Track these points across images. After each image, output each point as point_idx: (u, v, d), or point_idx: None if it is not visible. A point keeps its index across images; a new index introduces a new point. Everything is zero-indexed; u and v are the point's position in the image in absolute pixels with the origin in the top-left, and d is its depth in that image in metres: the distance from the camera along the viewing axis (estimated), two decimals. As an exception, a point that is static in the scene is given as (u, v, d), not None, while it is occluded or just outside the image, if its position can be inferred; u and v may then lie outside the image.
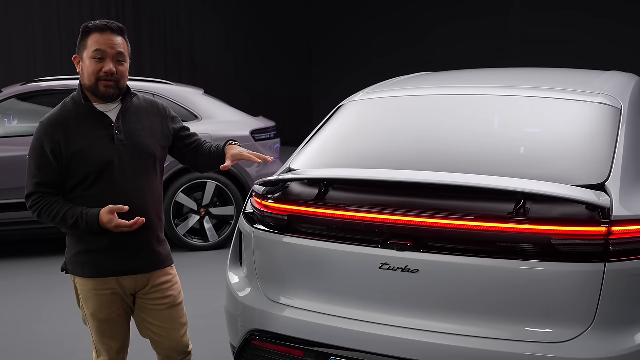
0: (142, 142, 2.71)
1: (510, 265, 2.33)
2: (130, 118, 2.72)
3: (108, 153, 2.63)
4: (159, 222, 2.80)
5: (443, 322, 2.42)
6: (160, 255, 2.79)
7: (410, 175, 2.58)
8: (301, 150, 3.15)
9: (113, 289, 2.70)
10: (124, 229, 2.56)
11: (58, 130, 2.61)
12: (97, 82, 2.62)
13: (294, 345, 2.66)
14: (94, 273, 2.68)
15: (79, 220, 2.58)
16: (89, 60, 2.62)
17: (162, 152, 2.82)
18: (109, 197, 2.61)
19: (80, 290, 2.75)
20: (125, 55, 2.67)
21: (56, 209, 2.61)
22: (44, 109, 6.60)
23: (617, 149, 2.58)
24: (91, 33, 2.63)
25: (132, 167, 2.67)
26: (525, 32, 12.48)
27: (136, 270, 2.72)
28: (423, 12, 13.91)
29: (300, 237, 2.69)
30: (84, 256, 2.68)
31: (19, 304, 5.11)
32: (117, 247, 2.65)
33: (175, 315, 2.83)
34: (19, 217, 6.14)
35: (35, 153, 2.64)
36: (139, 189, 2.69)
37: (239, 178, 6.56)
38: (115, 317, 2.75)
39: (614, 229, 2.26)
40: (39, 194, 2.64)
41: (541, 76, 3.68)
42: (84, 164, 2.60)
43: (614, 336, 2.28)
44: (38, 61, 12.65)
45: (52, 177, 2.62)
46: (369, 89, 3.57)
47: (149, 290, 2.77)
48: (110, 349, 2.78)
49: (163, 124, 2.82)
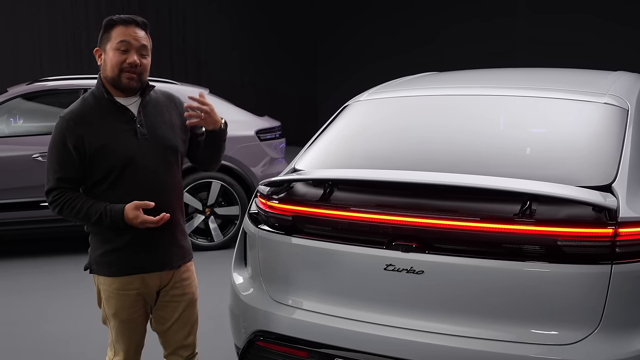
0: (164, 136, 2.71)
1: (516, 267, 2.31)
2: (150, 111, 2.71)
3: (131, 147, 2.61)
4: (182, 216, 2.80)
5: (448, 324, 2.41)
6: (184, 248, 2.80)
7: (415, 176, 2.57)
8: (306, 151, 3.14)
9: (137, 289, 2.70)
10: (150, 224, 2.56)
11: (80, 124, 2.59)
12: (120, 73, 2.60)
13: (298, 346, 2.65)
14: (120, 272, 2.67)
15: (103, 216, 2.56)
16: (113, 51, 2.60)
17: (183, 146, 2.81)
18: (133, 192, 2.60)
19: (104, 290, 2.74)
20: (148, 49, 2.67)
21: (79, 204, 2.59)
22: (50, 109, 6.63)
23: (623, 149, 2.56)
24: (115, 26, 2.62)
25: (155, 161, 2.66)
26: (531, 33, 12.46)
27: (162, 266, 2.72)
28: (428, 13, 13.90)
29: (304, 238, 2.68)
30: (110, 256, 2.66)
31: (25, 304, 5.12)
32: (142, 243, 2.65)
33: (190, 312, 2.85)
34: (23, 216, 6.15)
35: (56, 148, 2.62)
36: (162, 182, 2.68)
37: (244, 178, 6.56)
38: (136, 317, 2.75)
39: (620, 231, 2.24)
40: (60, 190, 2.62)
41: (547, 76, 3.66)
42: (107, 159, 2.59)
43: (620, 339, 2.26)
44: (44, 60, 12.67)
45: (73, 172, 2.60)
46: (374, 88, 3.56)
47: (172, 286, 2.78)
48: (128, 348, 2.79)
49: (180, 119, 2.81)
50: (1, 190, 6.10)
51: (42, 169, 6.64)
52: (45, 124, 6.60)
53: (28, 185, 6.15)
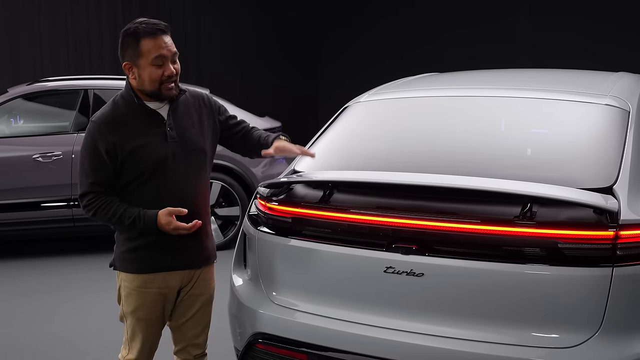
0: (193, 139, 2.74)
1: (516, 270, 2.30)
2: (180, 115, 2.75)
3: (161, 150, 2.65)
4: (208, 218, 2.84)
5: (447, 326, 2.40)
6: (208, 250, 2.84)
7: (415, 178, 2.56)
8: (306, 152, 3.12)
9: (158, 288, 2.72)
10: (182, 231, 2.61)
11: (112, 129, 2.62)
12: (159, 86, 2.64)
13: (298, 349, 2.64)
14: (142, 269, 2.70)
15: (137, 221, 2.60)
16: (149, 67, 2.61)
17: (212, 148, 2.85)
18: (163, 194, 2.65)
19: (125, 286, 2.76)
20: (177, 52, 2.70)
21: (112, 209, 2.62)
22: (50, 109, 6.63)
23: (625, 151, 2.55)
24: (142, 38, 2.60)
25: (185, 164, 2.70)
26: (533, 37, 12.44)
27: (185, 266, 2.75)
28: (428, 16, 13.88)
29: (304, 240, 2.68)
30: (134, 253, 2.70)
31: (27, 304, 5.11)
32: (166, 243, 2.68)
33: (205, 312, 2.89)
34: (24, 217, 6.15)
35: (88, 152, 2.65)
36: (192, 185, 2.73)
37: (245, 179, 6.56)
38: (153, 317, 2.77)
39: (621, 233, 2.23)
40: (94, 194, 2.65)
41: (548, 77, 3.65)
42: (138, 162, 2.63)
43: (621, 341, 2.25)
44: (44, 61, 12.67)
45: (106, 176, 2.63)
46: (374, 90, 3.55)
47: (192, 285, 2.81)
48: (143, 347, 2.80)
49: (210, 119, 2.85)
50: (2, 191, 6.10)
51: (42, 170, 6.65)
52: (45, 125, 6.60)
53: (28, 185, 6.15)
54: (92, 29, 12.84)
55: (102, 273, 5.78)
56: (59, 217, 6.22)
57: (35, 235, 6.48)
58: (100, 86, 6.52)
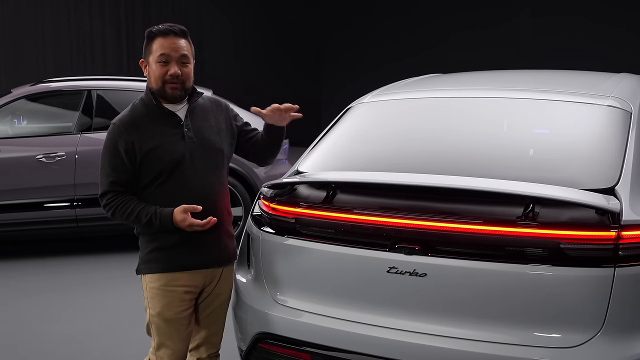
0: (211, 139, 2.80)
1: (518, 270, 2.31)
2: (197, 116, 2.81)
3: (179, 150, 2.71)
4: (229, 217, 2.88)
5: (450, 327, 2.41)
6: (228, 249, 2.88)
7: (418, 179, 2.57)
8: (309, 153, 3.14)
9: (184, 286, 2.75)
10: (197, 228, 2.64)
11: (131, 130, 2.69)
12: (163, 85, 2.71)
13: (301, 349, 2.66)
14: (166, 268, 2.73)
15: (153, 219, 2.65)
16: (155, 64, 2.71)
17: (229, 149, 2.90)
18: (181, 194, 2.69)
19: (150, 288, 2.77)
20: (189, 57, 2.75)
21: (130, 207, 2.68)
22: (54, 110, 6.65)
23: (627, 152, 2.56)
24: (155, 38, 2.72)
25: (202, 164, 2.75)
26: (535, 39, 12.44)
27: (206, 265, 2.78)
28: (430, 19, 13.89)
29: (307, 240, 2.69)
30: (156, 253, 2.74)
31: (34, 304, 5.12)
32: (188, 243, 2.72)
33: (221, 311, 2.94)
34: (27, 217, 6.17)
35: (108, 153, 2.72)
36: (209, 184, 2.77)
37: (248, 179, 6.57)
38: (181, 318, 2.77)
39: (623, 234, 2.24)
40: (113, 193, 2.71)
41: (551, 78, 3.65)
42: (156, 162, 2.68)
43: (623, 341, 2.26)
44: (47, 61, 12.69)
45: (125, 175, 2.70)
46: (377, 90, 3.56)
47: (215, 284, 2.85)
48: (173, 352, 2.78)
49: (227, 122, 2.91)
50: (5, 191, 6.12)
51: (46, 170, 6.65)
52: (49, 125, 6.61)
53: (32, 186, 6.17)
54: (95, 29, 12.87)
55: (105, 273, 5.81)
56: (62, 217, 6.23)
57: (38, 235, 6.49)
58: (103, 87, 6.53)
